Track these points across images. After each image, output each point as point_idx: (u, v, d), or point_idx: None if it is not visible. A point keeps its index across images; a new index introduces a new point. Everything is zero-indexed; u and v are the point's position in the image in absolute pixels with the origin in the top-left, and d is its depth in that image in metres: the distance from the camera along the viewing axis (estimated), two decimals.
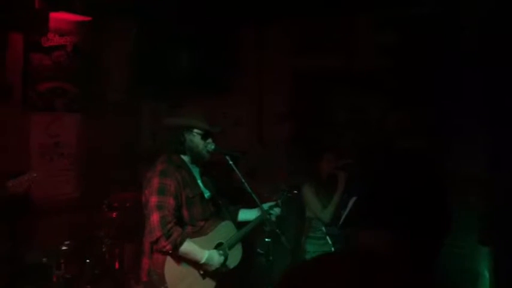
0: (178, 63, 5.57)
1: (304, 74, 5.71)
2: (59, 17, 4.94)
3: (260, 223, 3.43)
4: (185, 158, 3.30)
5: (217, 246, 3.24)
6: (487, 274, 4.10)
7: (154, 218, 2.98)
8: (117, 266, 4.61)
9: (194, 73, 5.53)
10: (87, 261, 4.39)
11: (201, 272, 3.15)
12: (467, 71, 4.57)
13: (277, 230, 3.28)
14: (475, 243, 4.22)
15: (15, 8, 4.38)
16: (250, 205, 3.48)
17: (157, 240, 2.96)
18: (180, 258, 3.07)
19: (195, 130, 3.23)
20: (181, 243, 2.99)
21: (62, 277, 4.11)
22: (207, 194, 3.33)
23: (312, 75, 5.64)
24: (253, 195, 3.26)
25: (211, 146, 3.28)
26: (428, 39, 4.91)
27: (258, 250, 3.64)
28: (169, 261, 3.05)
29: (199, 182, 3.32)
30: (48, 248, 4.13)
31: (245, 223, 3.47)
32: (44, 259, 4.09)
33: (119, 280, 4.55)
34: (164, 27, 5.44)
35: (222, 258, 3.19)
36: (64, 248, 4.17)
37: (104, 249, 4.52)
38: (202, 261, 3.08)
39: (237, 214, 3.55)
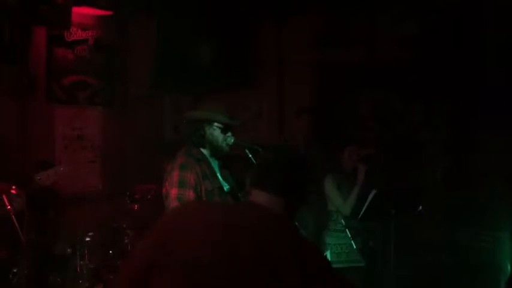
0: (200, 56, 5.58)
1: (326, 67, 5.67)
2: (82, 12, 5.01)
3: None
4: (205, 151, 3.31)
5: None
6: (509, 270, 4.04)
7: None
8: None
9: (216, 67, 5.54)
10: (110, 252, 4.46)
11: None
12: (492, 64, 4.49)
13: (296, 223, 3.27)
14: (501, 238, 4.17)
15: (39, 3, 4.44)
16: None
17: None
18: None
19: (215, 124, 3.23)
20: None
21: (85, 267, 4.18)
22: (226, 187, 3.33)
23: (333, 68, 5.60)
24: None
25: (231, 140, 3.27)
26: (451, 32, 4.83)
27: None
28: None
29: (218, 175, 3.31)
30: (72, 239, 4.21)
31: None
32: (69, 249, 4.16)
33: None
34: (186, 21, 5.46)
35: None
36: (88, 239, 4.24)
37: (126, 241, 4.57)
38: None
39: None
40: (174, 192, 3.04)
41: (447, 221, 4.42)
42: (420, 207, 3.93)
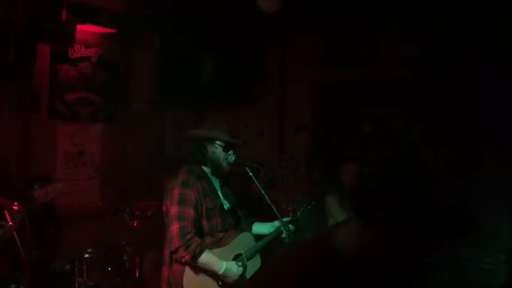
0: (202, 74, 5.63)
1: (326, 86, 5.71)
2: (85, 29, 5.06)
3: (279, 235, 3.42)
4: (206, 169, 3.33)
5: (236, 257, 3.25)
6: None
7: (174, 228, 3.02)
8: (137, 274, 4.65)
9: (217, 84, 5.58)
10: (109, 268, 4.44)
11: (220, 283, 3.16)
12: (494, 82, 4.51)
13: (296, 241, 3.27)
14: (501, 260, 4.14)
15: (43, 20, 4.49)
16: (269, 217, 3.47)
17: (176, 250, 3.00)
18: (199, 269, 3.09)
19: (217, 142, 3.26)
20: (199, 254, 3.02)
21: (84, 284, 4.16)
22: (226, 206, 3.34)
23: (334, 87, 5.64)
24: (273, 207, 3.25)
25: (232, 158, 3.30)
26: (452, 51, 4.87)
27: None
28: (188, 272, 3.07)
29: (219, 193, 3.34)
30: (71, 256, 4.20)
31: (260, 236, 3.46)
32: (67, 266, 4.15)
33: None
34: (188, 39, 5.51)
35: (241, 269, 3.19)
36: (87, 255, 4.23)
37: (125, 257, 4.56)
38: (221, 272, 3.09)
39: (250, 227, 3.52)
40: (174, 210, 3.07)
41: (448, 240, 4.40)
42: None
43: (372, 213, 3.93)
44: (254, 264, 3.32)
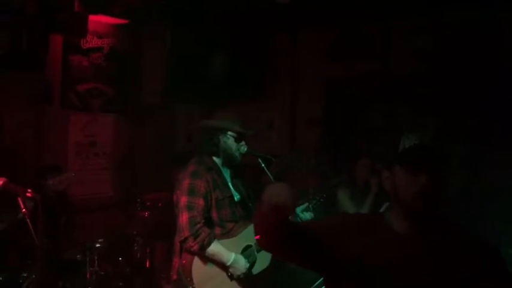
0: (213, 66, 5.61)
1: (338, 79, 5.67)
2: (97, 20, 5.06)
3: None
4: (217, 160, 3.33)
5: (246, 249, 3.25)
6: None
7: (184, 217, 3.04)
8: (148, 264, 4.66)
9: (229, 76, 5.56)
10: (120, 259, 4.46)
11: (229, 274, 3.17)
12: (507, 75, 4.45)
13: None
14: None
15: (55, 11, 4.50)
16: None
17: (185, 240, 3.02)
18: (208, 259, 3.10)
19: (229, 132, 3.26)
20: (208, 244, 3.03)
21: (95, 274, 4.18)
22: (237, 197, 3.35)
23: (346, 80, 5.60)
24: None
25: (244, 148, 3.30)
26: (464, 44, 4.82)
27: None
28: (197, 261, 3.09)
29: (229, 184, 3.34)
30: (82, 245, 4.22)
31: None
32: (79, 256, 4.17)
33: (150, 279, 4.60)
34: (200, 31, 5.50)
35: (248, 264, 3.19)
36: (98, 245, 4.25)
37: (135, 248, 4.58)
38: (228, 263, 3.10)
39: None
40: (184, 200, 3.09)
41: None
42: None
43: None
44: (264, 256, 3.31)
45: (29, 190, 2.92)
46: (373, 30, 5.49)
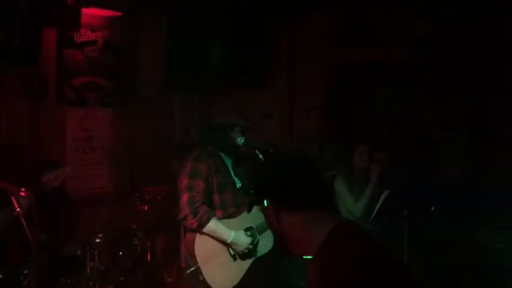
0: (211, 56, 5.55)
1: (338, 66, 5.61)
2: (91, 13, 5.01)
3: None
4: (219, 149, 3.43)
5: (247, 230, 3.32)
6: None
7: (184, 198, 3.19)
8: (148, 258, 4.65)
9: (226, 66, 5.50)
10: (120, 253, 4.44)
11: (232, 253, 3.25)
12: (509, 60, 4.39)
13: None
14: None
15: (48, 5, 4.45)
16: None
17: (185, 217, 3.16)
18: (210, 238, 3.19)
19: (237, 128, 3.39)
20: (207, 221, 3.14)
21: (95, 269, 4.17)
22: (238, 184, 3.44)
23: (346, 67, 5.54)
24: None
25: (241, 140, 3.38)
26: (467, 29, 4.75)
27: None
28: (199, 240, 3.18)
29: (231, 171, 3.44)
30: (82, 240, 4.20)
31: None
32: (79, 251, 4.16)
33: (151, 272, 4.59)
34: (196, 20, 5.43)
35: (250, 239, 3.26)
36: (98, 240, 4.23)
37: (135, 242, 4.56)
38: (229, 240, 3.20)
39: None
40: (185, 181, 3.23)
41: (462, 221, 4.34)
42: (433, 207, 3.86)
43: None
44: (267, 239, 3.38)
45: (23, 189, 2.91)
46: (373, 16, 5.42)
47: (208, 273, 3.13)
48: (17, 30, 4.51)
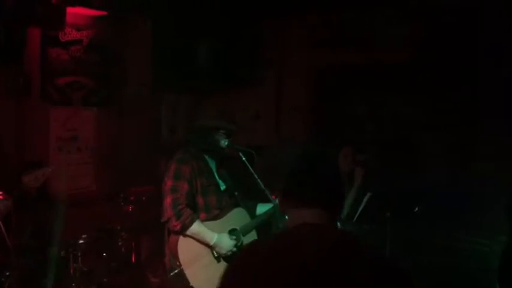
0: (198, 56, 5.54)
1: (324, 68, 5.63)
2: (76, 12, 4.97)
3: (274, 214, 3.44)
4: (203, 151, 3.44)
5: (231, 232, 3.34)
6: None
7: (168, 200, 3.19)
8: (133, 259, 4.64)
9: (213, 67, 5.50)
10: (104, 254, 4.42)
11: (216, 255, 3.26)
12: (492, 65, 4.44)
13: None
14: (499, 241, 4.11)
15: (33, 4, 4.41)
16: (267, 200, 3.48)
17: (168, 220, 3.17)
18: (193, 240, 3.21)
19: (221, 130, 3.40)
20: (190, 223, 3.15)
21: (79, 270, 4.15)
22: (222, 187, 3.46)
23: (332, 69, 5.56)
24: (266, 192, 3.30)
25: (225, 143, 3.40)
26: (449, 32, 4.79)
27: None
28: (182, 242, 3.19)
29: (215, 173, 3.46)
30: (65, 241, 4.18)
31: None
32: (62, 252, 4.13)
33: (136, 273, 4.58)
34: (182, 20, 5.42)
35: (233, 242, 3.28)
36: (81, 241, 4.22)
37: (120, 243, 4.55)
38: (212, 242, 3.21)
39: (255, 209, 3.62)
40: (169, 183, 3.24)
41: (445, 223, 4.38)
42: (416, 209, 3.90)
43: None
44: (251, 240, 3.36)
45: (1, 192, 2.87)
46: (359, 17, 5.44)
47: (192, 275, 3.14)
48: (1, 29, 4.46)
